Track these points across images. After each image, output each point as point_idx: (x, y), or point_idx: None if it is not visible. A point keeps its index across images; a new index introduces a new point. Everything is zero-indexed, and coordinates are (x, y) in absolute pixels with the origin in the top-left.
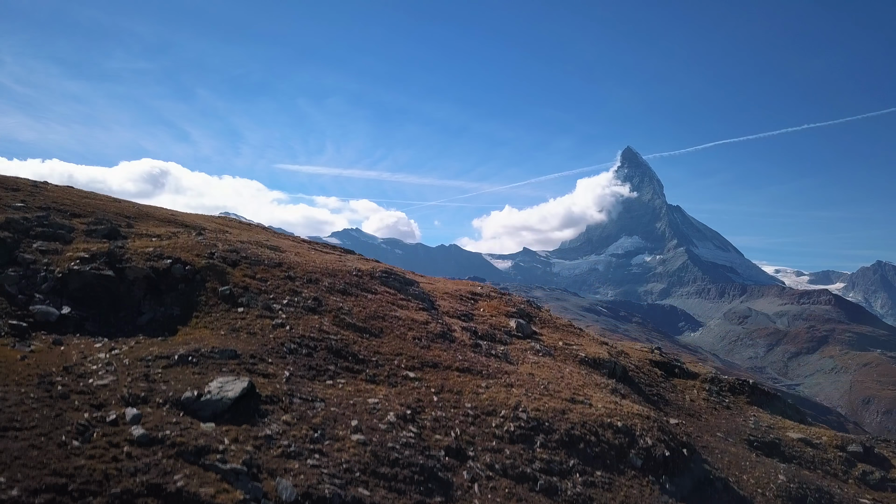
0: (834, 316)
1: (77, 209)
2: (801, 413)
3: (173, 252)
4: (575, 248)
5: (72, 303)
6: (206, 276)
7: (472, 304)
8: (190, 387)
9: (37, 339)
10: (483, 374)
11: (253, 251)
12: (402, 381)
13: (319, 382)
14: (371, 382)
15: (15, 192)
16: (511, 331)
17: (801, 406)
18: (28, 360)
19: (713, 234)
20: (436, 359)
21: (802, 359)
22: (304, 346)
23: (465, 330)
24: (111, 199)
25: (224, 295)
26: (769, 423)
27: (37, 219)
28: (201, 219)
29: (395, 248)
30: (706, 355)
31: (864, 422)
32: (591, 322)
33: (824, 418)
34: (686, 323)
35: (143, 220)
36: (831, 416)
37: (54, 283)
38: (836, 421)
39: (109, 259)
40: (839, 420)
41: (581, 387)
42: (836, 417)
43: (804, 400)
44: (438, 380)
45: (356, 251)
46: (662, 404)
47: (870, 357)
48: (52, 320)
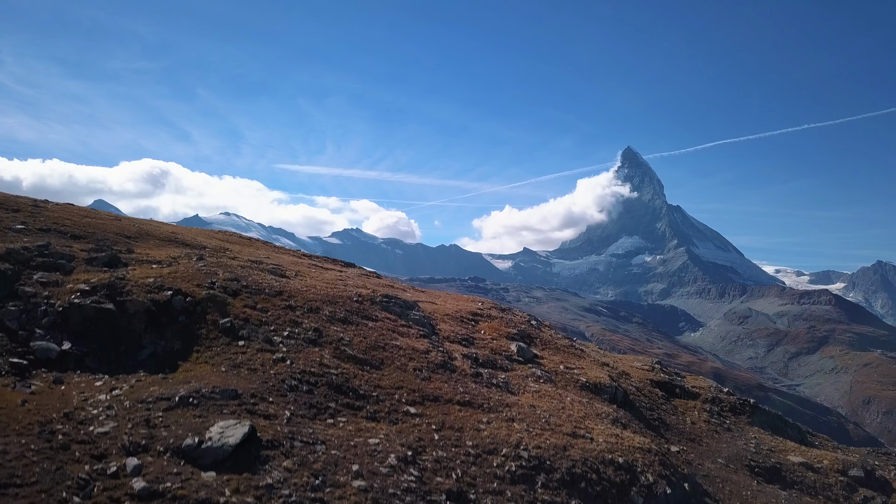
0: (834, 316)
1: (77, 230)
2: (801, 432)
3: (174, 282)
4: (575, 249)
5: (72, 337)
6: (206, 307)
7: (472, 325)
8: (191, 432)
9: (37, 378)
10: (484, 408)
11: (254, 278)
12: (403, 417)
13: (320, 422)
14: (372, 420)
15: (16, 212)
16: (512, 355)
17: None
18: (29, 406)
19: (713, 234)
20: (437, 392)
21: (803, 359)
22: (305, 381)
23: (465, 357)
24: (111, 216)
25: (225, 328)
26: (770, 446)
27: (37, 248)
28: (202, 235)
29: (396, 248)
30: (706, 356)
31: (864, 422)
32: (591, 322)
33: (824, 419)
34: (686, 323)
35: (143, 241)
36: (831, 416)
37: (55, 318)
38: (837, 421)
39: (110, 291)
40: (839, 420)
41: (582, 418)
42: (836, 418)
43: (804, 400)
44: (439, 415)
45: (356, 251)
46: (664, 429)
47: (870, 357)
48: (53, 357)
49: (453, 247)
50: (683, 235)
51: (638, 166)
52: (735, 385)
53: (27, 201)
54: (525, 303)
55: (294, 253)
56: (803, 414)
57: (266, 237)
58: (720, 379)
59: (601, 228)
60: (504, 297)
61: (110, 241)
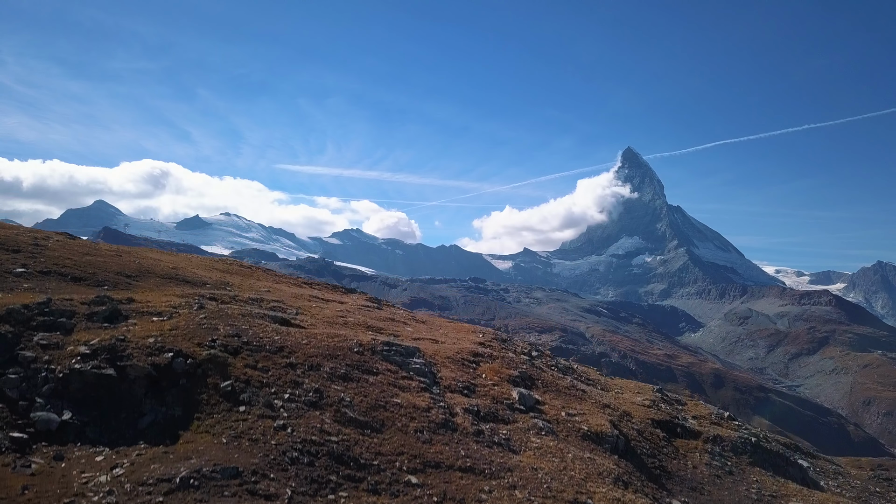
0: (834, 317)
1: (78, 270)
2: (803, 470)
3: (174, 342)
4: (575, 249)
5: (73, 406)
6: (207, 369)
7: (473, 369)
8: None
9: (38, 454)
10: (486, 474)
11: (255, 331)
12: (405, 488)
13: (322, 498)
14: (373, 493)
15: (16, 253)
16: (514, 403)
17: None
18: (29, 494)
19: (714, 234)
20: (438, 456)
21: (803, 360)
22: (307, 452)
23: (467, 412)
24: (111, 251)
25: (226, 392)
26: (772, 491)
27: (38, 306)
28: (202, 267)
29: (396, 249)
30: (706, 356)
31: (864, 423)
32: (591, 323)
33: (825, 420)
34: (687, 324)
35: (143, 280)
36: (832, 417)
37: (55, 385)
38: (837, 423)
39: (111, 355)
40: (840, 422)
41: (584, 480)
42: (836, 419)
43: (805, 401)
44: (441, 484)
45: (357, 252)
46: (665, 478)
47: (870, 358)
48: (53, 429)
49: (454, 247)
50: (684, 236)
51: (638, 167)
52: (735, 386)
53: (27, 240)
54: (525, 303)
55: (294, 281)
56: (804, 415)
57: (266, 238)
58: (720, 381)
59: (601, 229)
60: (504, 297)
61: (111, 283)
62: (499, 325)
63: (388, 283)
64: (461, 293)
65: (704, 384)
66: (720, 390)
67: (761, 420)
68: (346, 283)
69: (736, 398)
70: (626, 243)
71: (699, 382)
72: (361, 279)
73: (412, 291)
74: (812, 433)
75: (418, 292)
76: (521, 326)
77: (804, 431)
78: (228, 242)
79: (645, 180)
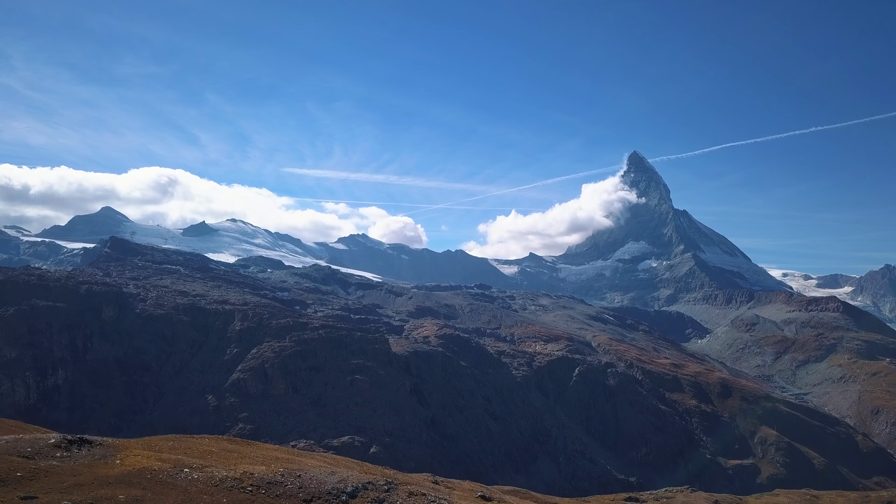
0: (842, 323)
1: None
2: None
3: None
4: (581, 254)
5: None
6: None
7: None
8: None
9: None
10: None
11: None
12: None
13: None
14: None
15: None
16: None
17: (809, 418)
18: None
19: (720, 238)
20: None
21: (811, 367)
22: None
23: None
24: None
25: None
26: None
27: None
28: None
29: (402, 254)
30: (714, 364)
31: (872, 433)
32: (597, 332)
33: (832, 430)
34: (693, 330)
35: None
36: (840, 427)
37: None
38: (845, 433)
39: None
40: (847, 432)
41: None
42: (844, 429)
43: (813, 411)
44: None
45: (362, 257)
46: None
47: (879, 366)
48: None
49: (459, 252)
50: (690, 240)
51: (644, 171)
52: (743, 396)
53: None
54: (531, 311)
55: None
56: (812, 425)
57: (272, 243)
58: (727, 390)
59: (607, 233)
60: (510, 304)
61: None
62: (504, 333)
63: (393, 291)
64: (466, 301)
65: (711, 394)
66: (727, 400)
67: (769, 430)
68: (352, 291)
69: (743, 408)
70: (633, 248)
71: (706, 392)
72: (367, 287)
73: (418, 300)
74: (820, 443)
75: (424, 300)
76: (527, 335)
77: (812, 442)
78: (235, 249)
79: (651, 185)
